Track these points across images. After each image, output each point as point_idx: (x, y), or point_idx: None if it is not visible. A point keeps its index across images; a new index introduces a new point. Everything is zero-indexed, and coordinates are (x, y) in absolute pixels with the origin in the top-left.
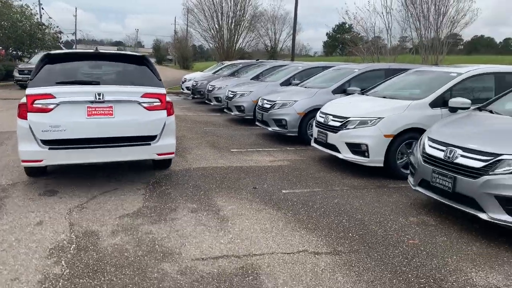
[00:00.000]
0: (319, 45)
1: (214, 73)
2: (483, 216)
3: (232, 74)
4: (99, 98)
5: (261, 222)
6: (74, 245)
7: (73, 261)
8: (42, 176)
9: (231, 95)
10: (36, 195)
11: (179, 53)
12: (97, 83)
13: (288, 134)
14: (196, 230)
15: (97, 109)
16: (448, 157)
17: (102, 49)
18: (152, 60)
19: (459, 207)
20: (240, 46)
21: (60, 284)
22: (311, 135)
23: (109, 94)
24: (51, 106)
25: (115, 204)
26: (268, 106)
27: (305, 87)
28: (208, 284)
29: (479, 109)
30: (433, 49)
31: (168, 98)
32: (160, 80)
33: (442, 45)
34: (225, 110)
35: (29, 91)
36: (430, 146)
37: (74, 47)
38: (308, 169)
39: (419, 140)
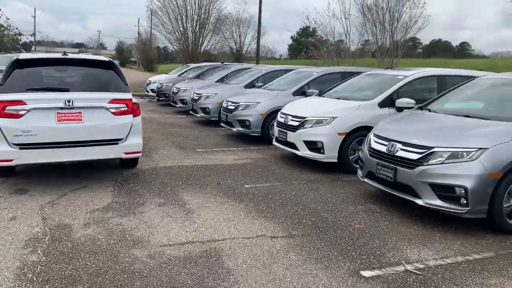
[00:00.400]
0: (285, 48)
1: (179, 75)
2: (419, 202)
3: (198, 77)
4: (69, 105)
5: (224, 213)
6: (48, 237)
7: (49, 250)
8: (11, 176)
9: (197, 97)
10: (7, 193)
11: (143, 55)
12: (67, 90)
13: (252, 134)
14: (163, 221)
15: (66, 114)
16: (390, 151)
17: (63, 50)
18: (115, 62)
19: (400, 195)
20: (206, 48)
21: (38, 269)
22: (273, 135)
23: (78, 101)
24: (22, 112)
25: (85, 200)
26: (233, 107)
27: (268, 89)
28: (175, 265)
29: (420, 108)
30: (388, 53)
31: (134, 100)
32: (127, 84)
33: (397, 49)
34: (190, 112)
35: (0, 97)
36: (375, 141)
37: (33, 48)
38: (270, 166)
39: (367, 137)
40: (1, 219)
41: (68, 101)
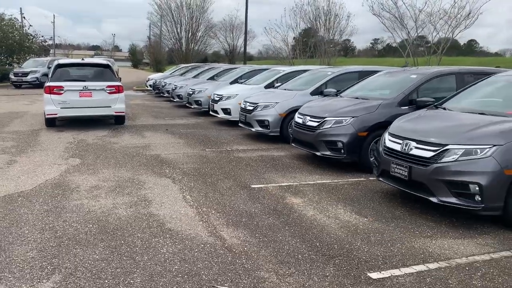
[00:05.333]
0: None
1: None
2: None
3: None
4: (85, 88)
5: (161, 137)
6: (76, 142)
7: (76, 147)
8: (54, 126)
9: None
10: (54, 131)
11: (153, 57)
12: (84, 80)
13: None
14: (130, 139)
15: (84, 93)
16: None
17: (79, 53)
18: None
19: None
20: (198, 50)
21: (71, 152)
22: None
23: (90, 86)
24: (62, 92)
25: (93, 133)
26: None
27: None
28: (133, 148)
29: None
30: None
31: (119, 83)
32: (116, 77)
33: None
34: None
35: (50, 83)
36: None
37: (51, 52)
38: (204, 124)
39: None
40: (56, 137)
41: (85, 87)
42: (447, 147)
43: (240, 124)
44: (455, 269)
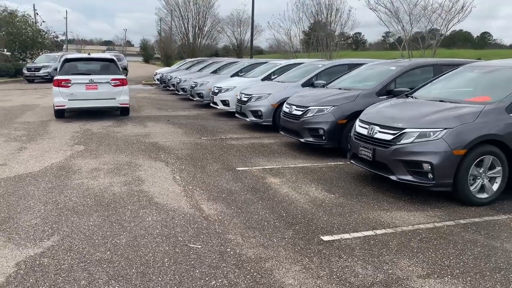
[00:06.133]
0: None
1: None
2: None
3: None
4: (91, 80)
5: (163, 127)
6: (81, 131)
7: (82, 135)
8: (63, 117)
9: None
10: (63, 121)
11: (163, 52)
12: (89, 74)
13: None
14: (133, 128)
15: (90, 86)
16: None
17: (91, 49)
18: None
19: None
20: (206, 45)
21: (77, 140)
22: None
23: (95, 79)
24: (69, 85)
25: (99, 123)
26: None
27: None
28: (134, 136)
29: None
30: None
31: (123, 77)
32: (120, 70)
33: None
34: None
35: (58, 77)
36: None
37: (64, 47)
38: (204, 115)
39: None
40: (63, 127)
41: (91, 80)
42: (404, 131)
43: (236, 115)
44: (398, 234)
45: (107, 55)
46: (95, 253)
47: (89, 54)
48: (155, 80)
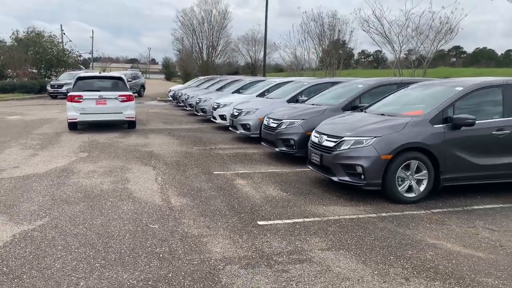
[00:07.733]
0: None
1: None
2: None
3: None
4: (101, 96)
5: (162, 139)
6: (89, 142)
7: (89, 145)
8: (76, 130)
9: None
10: (75, 133)
11: (183, 69)
12: (99, 90)
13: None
14: (136, 139)
15: (100, 101)
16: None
17: (117, 67)
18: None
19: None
20: (220, 63)
21: (83, 149)
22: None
23: (104, 95)
24: (81, 100)
25: (106, 135)
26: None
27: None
28: (133, 146)
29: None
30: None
31: (130, 93)
32: (128, 87)
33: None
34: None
35: (72, 93)
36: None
37: (90, 65)
38: (205, 129)
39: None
40: (74, 138)
41: (100, 96)
42: (343, 139)
43: (230, 128)
44: (322, 222)
45: (115, 73)
46: (74, 229)
47: (100, 72)
48: (168, 97)
